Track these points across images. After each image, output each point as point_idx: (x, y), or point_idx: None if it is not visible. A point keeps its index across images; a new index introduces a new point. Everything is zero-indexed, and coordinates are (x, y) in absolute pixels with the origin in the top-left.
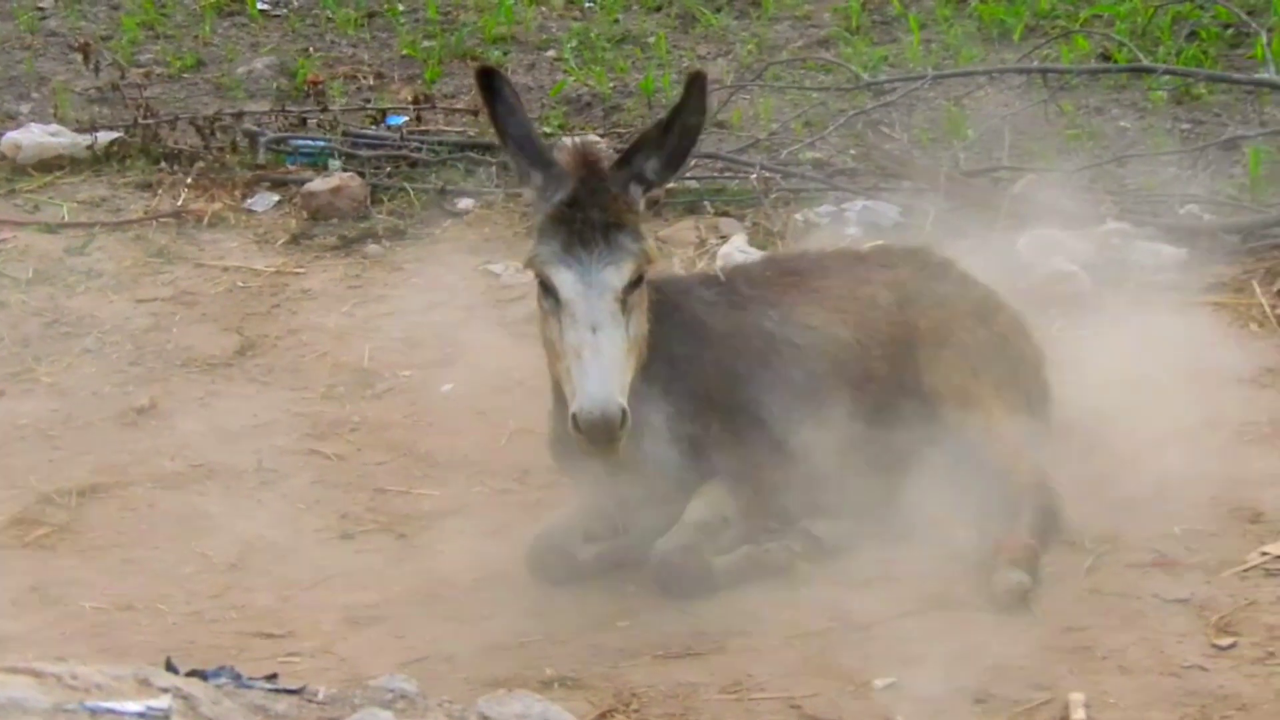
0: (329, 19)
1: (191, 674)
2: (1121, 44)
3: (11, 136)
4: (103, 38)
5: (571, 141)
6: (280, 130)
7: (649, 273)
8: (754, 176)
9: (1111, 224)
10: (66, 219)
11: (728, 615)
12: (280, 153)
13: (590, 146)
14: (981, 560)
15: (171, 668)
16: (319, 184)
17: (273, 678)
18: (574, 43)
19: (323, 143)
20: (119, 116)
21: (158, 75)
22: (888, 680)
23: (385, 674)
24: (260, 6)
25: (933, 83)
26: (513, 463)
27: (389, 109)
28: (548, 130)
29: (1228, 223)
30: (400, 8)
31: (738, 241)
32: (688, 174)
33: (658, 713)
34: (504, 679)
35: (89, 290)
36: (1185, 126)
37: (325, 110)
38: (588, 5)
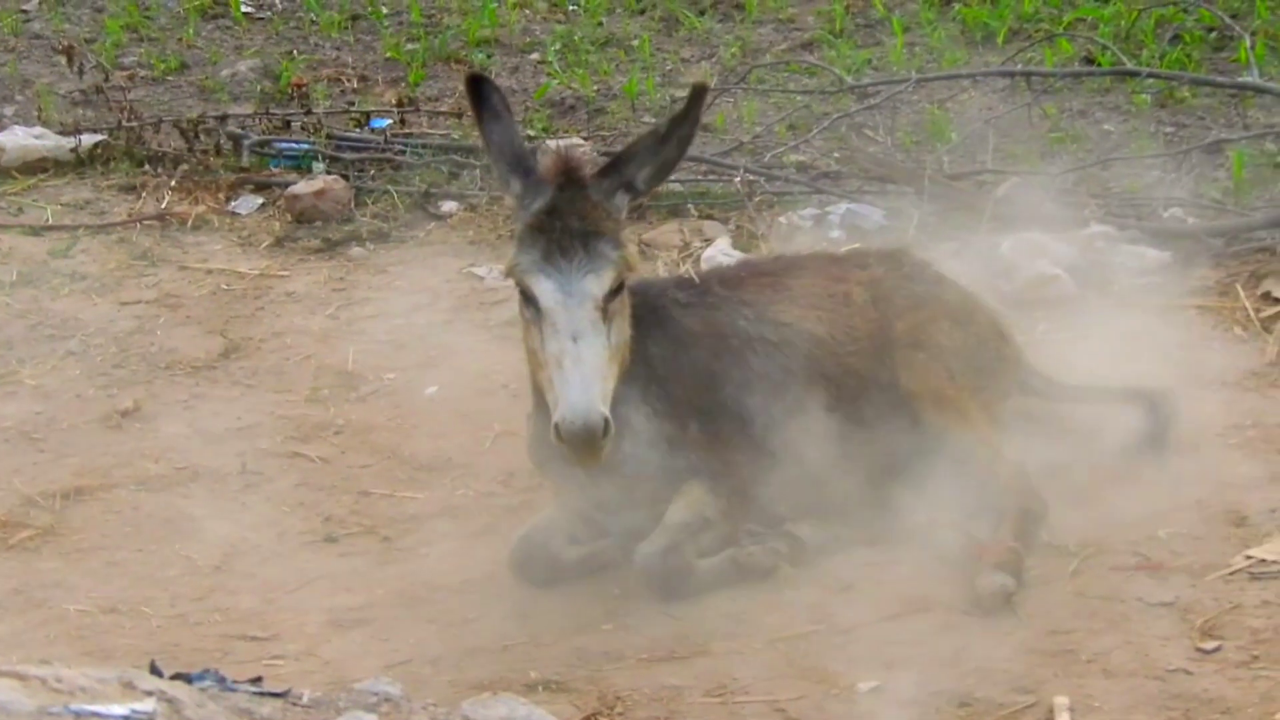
0: (313, 22)
1: (176, 677)
2: (1105, 47)
3: None
4: (86, 40)
5: (553, 148)
6: (264, 133)
7: (630, 279)
8: (738, 179)
9: (1095, 227)
10: (50, 221)
11: (712, 618)
12: (264, 155)
13: (571, 153)
14: (965, 563)
15: (156, 671)
16: (303, 187)
17: (257, 681)
18: (558, 45)
19: (307, 145)
20: (103, 119)
21: (142, 78)
22: (872, 683)
23: (369, 677)
24: (244, 9)
25: (916, 86)
26: (497, 465)
27: (373, 112)
28: (532, 133)
29: (1211, 226)
30: (384, 10)
31: (721, 244)
32: (672, 177)
33: (642, 716)
34: (488, 682)
35: (73, 293)
36: (1169, 130)
37: (309, 113)
38: (571, 8)
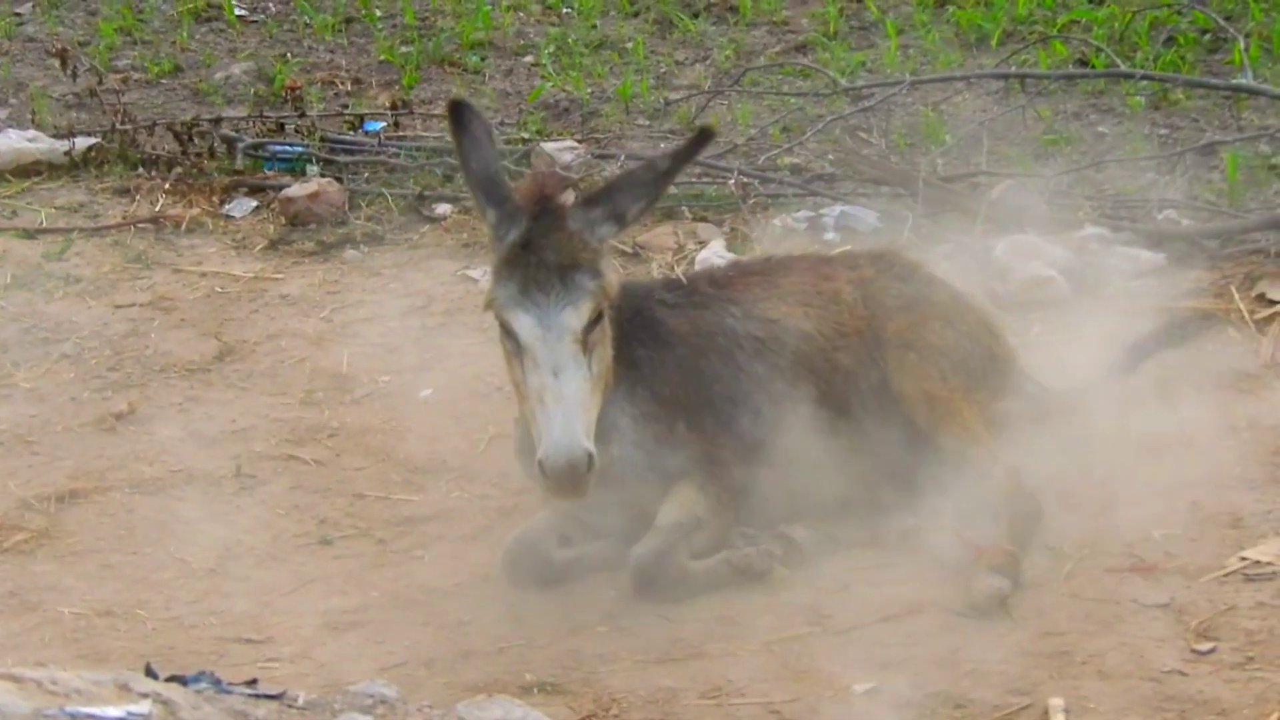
0: (306, 24)
1: (171, 679)
2: (1099, 49)
3: None
4: (80, 43)
5: (530, 173)
6: (258, 136)
7: (608, 308)
8: (732, 182)
9: (1089, 229)
10: (44, 224)
11: (706, 620)
12: (258, 158)
13: (547, 180)
14: (961, 565)
15: (151, 673)
16: (297, 189)
17: (253, 683)
18: (552, 48)
19: (301, 148)
20: (97, 122)
21: (135, 81)
22: (867, 685)
23: (364, 679)
24: (238, 12)
25: (910, 88)
26: (491, 468)
27: (367, 114)
28: (526, 135)
29: (1206, 228)
30: (378, 13)
31: (716, 247)
32: None
33: (637, 718)
34: (483, 684)
35: (67, 296)
36: (1163, 132)
37: (303, 116)
38: (565, 10)
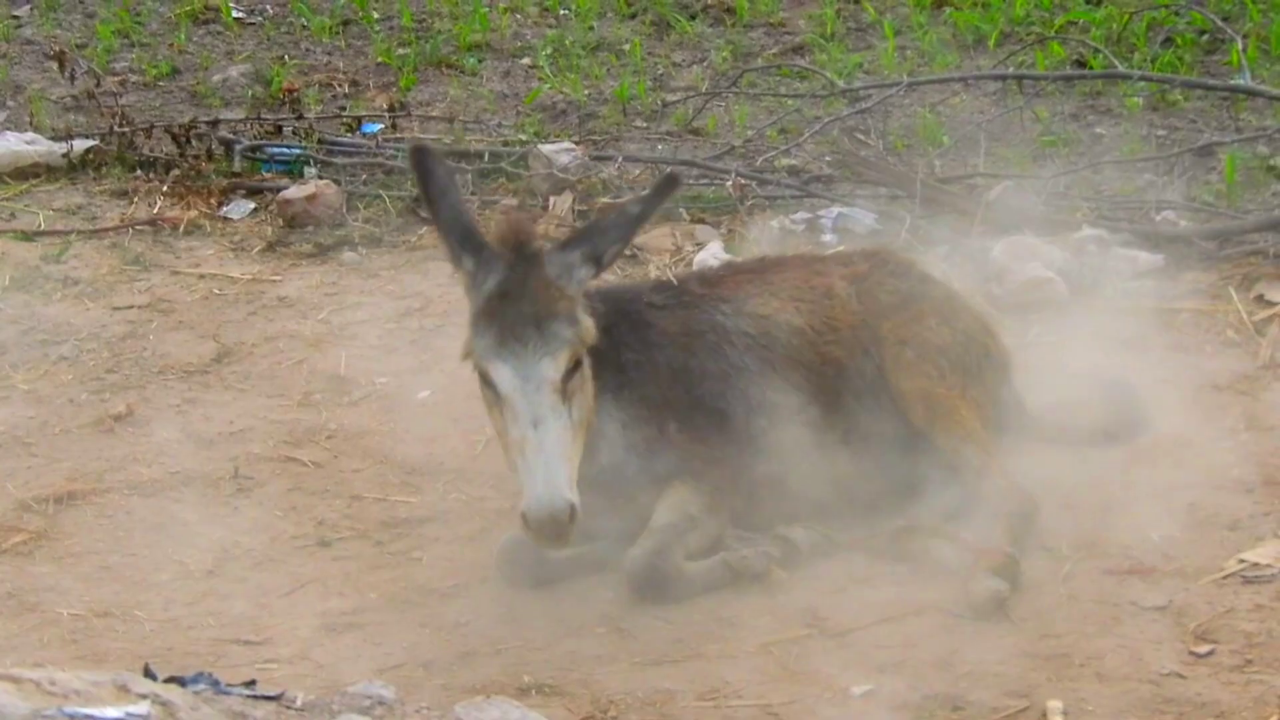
0: (304, 27)
1: (170, 680)
2: (1097, 50)
3: None
4: (78, 46)
5: (504, 219)
6: (256, 138)
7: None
8: (730, 183)
9: (1087, 230)
10: (43, 226)
11: (704, 621)
12: (256, 160)
13: (521, 226)
14: (959, 567)
15: (150, 674)
16: (295, 191)
17: (251, 684)
18: (549, 50)
19: (298, 150)
20: (95, 124)
21: (133, 83)
22: (865, 687)
23: (362, 680)
24: (235, 14)
25: (908, 89)
26: (489, 470)
27: (364, 116)
28: (523, 137)
29: (1204, 229)
30: (375, 15)
31: (714, 248)
32: None
33: (635, 719)
34: (481, 685)
35: (65, 298)
36: (1161, 133)
37: (301, 118)
38: (562, 12)
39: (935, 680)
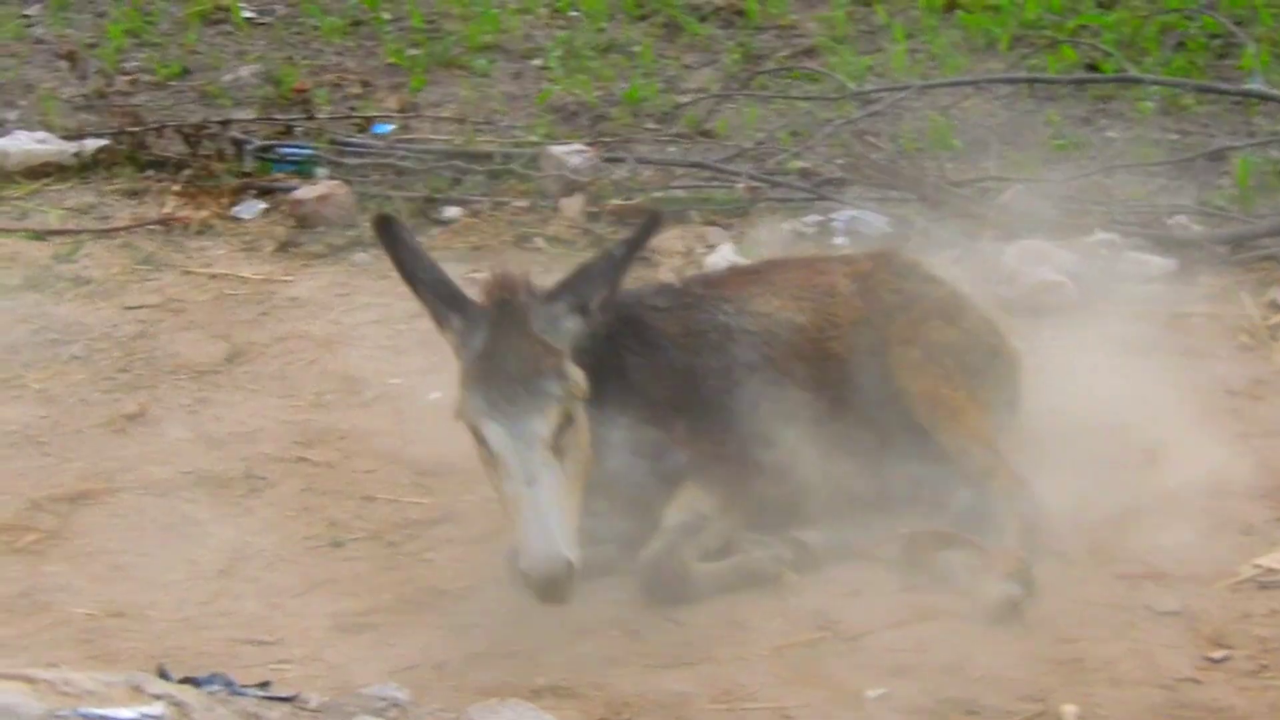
0: (314, 27)
1: (184, 681)
2: (1108, 54)
3: None
4: (89, 45)
5: (492, 274)
6: (266, 138)
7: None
8: (741, 186)
9: (1099, 234)
10: (54, 226)
11: (717, 624)
12: (267, 160)
13: (506, 281)
14: (972, 577)
15: (164, 674)
16: (306, 192)
17: (265, 685)
18: (559, 51)
19: (309, 150)
20: (106, 124)
21: (144, 83)
22: (879, 690)
23: (374, 682)
24: (246, 14)
25: (919, 92)
26: None
27: (375, 117)
28: (534, 139)
29: (1217, 233)
30: (385, 16)
31: (725, 251)
32: (675, 184)
33: None
34: (494, 687)
35: (77, 297)
36: (1173, 137)
37: (311, 118)
38: (573, 13)
39: (949, 685)
